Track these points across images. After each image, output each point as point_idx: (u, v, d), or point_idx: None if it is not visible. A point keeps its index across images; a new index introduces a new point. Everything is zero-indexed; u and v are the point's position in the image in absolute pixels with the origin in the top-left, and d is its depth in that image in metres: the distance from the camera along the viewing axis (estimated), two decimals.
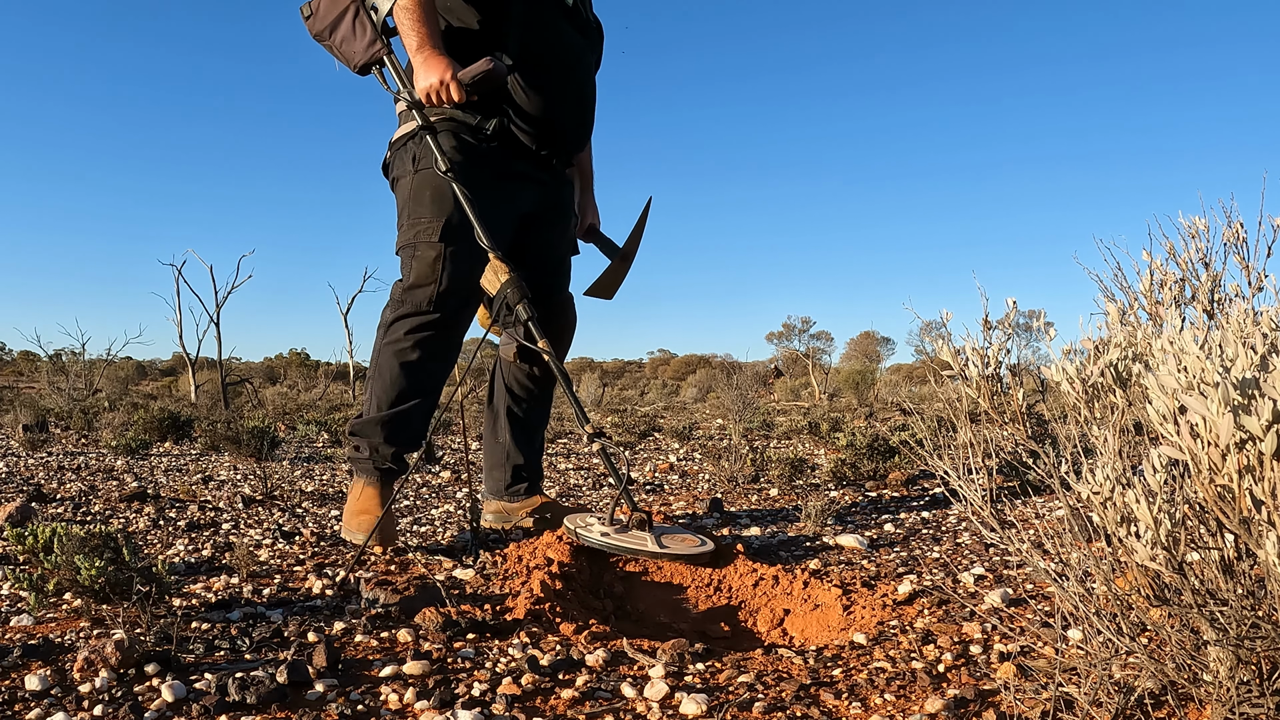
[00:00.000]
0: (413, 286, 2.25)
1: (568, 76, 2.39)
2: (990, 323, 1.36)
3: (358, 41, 2.26)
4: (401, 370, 2.26)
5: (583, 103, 2.48)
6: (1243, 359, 0.95)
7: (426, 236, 2.23)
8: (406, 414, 2.29)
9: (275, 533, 2.52)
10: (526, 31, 2.30)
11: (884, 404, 15.04)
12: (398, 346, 2.26)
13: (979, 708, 1.28)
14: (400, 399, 2.27)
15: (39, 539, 1.76)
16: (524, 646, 1.55)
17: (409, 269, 2.26)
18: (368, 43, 2.25)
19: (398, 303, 2.28)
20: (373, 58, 2.26)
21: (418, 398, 2.30)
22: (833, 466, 3.61)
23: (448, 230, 2.22)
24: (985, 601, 1.81)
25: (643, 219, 2.62)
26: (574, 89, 2.42)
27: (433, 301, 2.23)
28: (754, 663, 1.48)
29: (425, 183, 2.26)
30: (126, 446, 4.83)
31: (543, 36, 2.33)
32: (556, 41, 2.37)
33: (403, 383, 2.27)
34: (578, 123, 2.47)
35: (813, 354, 31.36)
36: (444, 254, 2.22)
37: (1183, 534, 1.03)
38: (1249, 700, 1.04)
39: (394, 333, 2.26)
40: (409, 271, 2.26)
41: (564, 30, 2.39)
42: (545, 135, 2.35)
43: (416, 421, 2.32)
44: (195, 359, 13.29)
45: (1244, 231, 1.44)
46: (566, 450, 5.61)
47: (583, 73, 2.46)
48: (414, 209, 2.28)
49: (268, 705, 1.28)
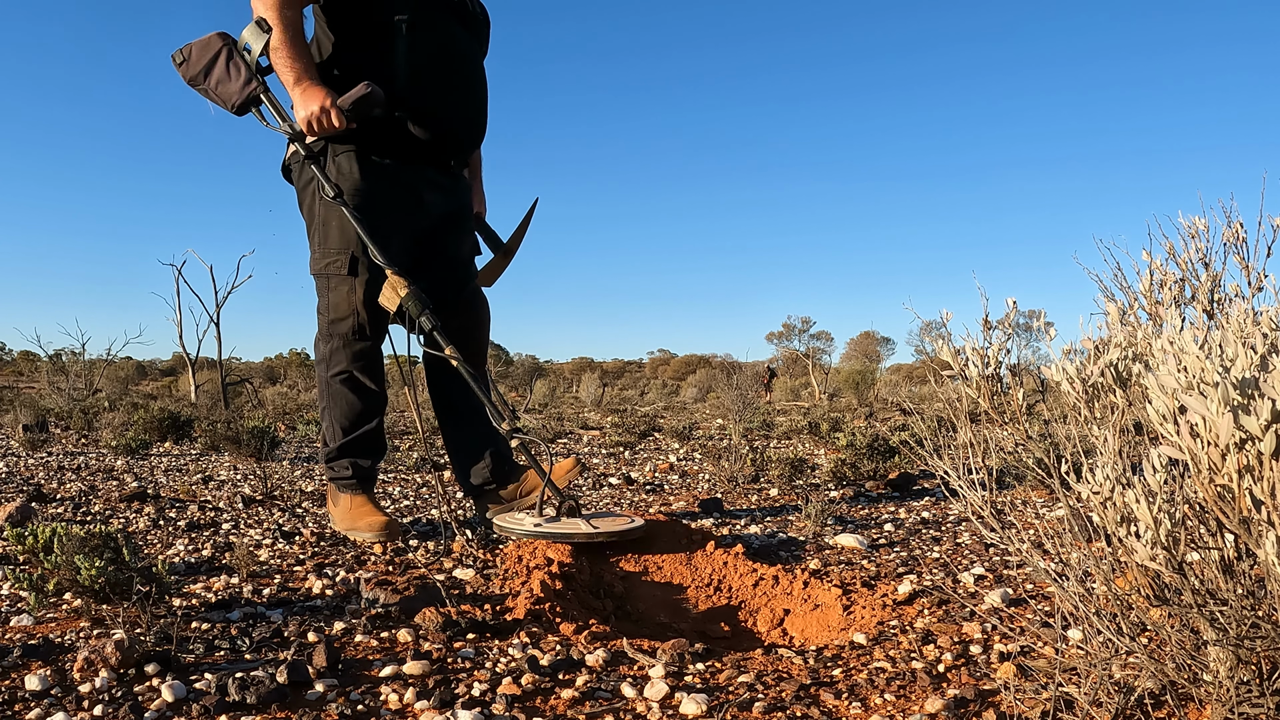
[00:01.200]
0: (335, 320, 2.41)
1: (458, 78, 2.46)
2: (990, 323, 1.36)
3: (233, 83, 2.31)
4: (354, 395, 2.46)
5: (475, 101, 2.55)
6: (1242, 359, 0.95)
7: (336, 270, 2.38)
8: (369, 432, 2.49)
9: (275, 533, 2.52)
10: (415, 37, 2.36)
11: (884, 404, 15.04)
12: (342, 377, 2.44)
13: (979, 708, 1.28)
14: (359, 420, 2.48)
15: (39, 539, 1.76)
16: (524, 646, 1.55)
17: (326, 301, 2.43)
18: (243, 82, 2.30)
19: (327, 336, 2.44)
20: (248, 96, 2.31)
21: (373, 415, 2.50)
22: (833, 466, 3.61)
23: (354, 263, 2.36)
24: (985, 601, 1.81)
25: (527, 218, 2.80)
26: (466, 89, 2.49)
27: (355, 331, 2.40)
28: (754, 663, 1.48)
29: (331, 211, 2.38)
30: (126, 446, 4.83)
31: (432, 40, 2.39)
32: (448, 44, 2.43)
33: (358, 406, 2.47)
34: (472, 122, 2.56)
35: (813, 354, 31.35)
36: (354, 287, 2.37)
37: (1183, 534, 1.03)
38: (1249, 700, 1.04)
39: (335, 365, 2.44)
40: (326, 305, 2.43)
41: (454, 32, 2.46)
42: (441, 139, 2.44)
43: (378, 434, 2.53)
44: (195, 359, 13.28)
45: (1244, 231, 1.44)
46: (566, 450, 5.61)
47: (472, 71, 2.53)
48: (322, 236, 2.41)
49: (268, 705, 1.28)
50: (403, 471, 4.19)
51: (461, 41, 2.48)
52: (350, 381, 2.44)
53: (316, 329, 2.48)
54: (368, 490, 2.51)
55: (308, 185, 2.43)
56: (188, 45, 2.34)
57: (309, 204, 2.44)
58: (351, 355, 2.41)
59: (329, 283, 2.40)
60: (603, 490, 3.65)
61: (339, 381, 2.44)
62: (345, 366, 2.42)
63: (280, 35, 2.25)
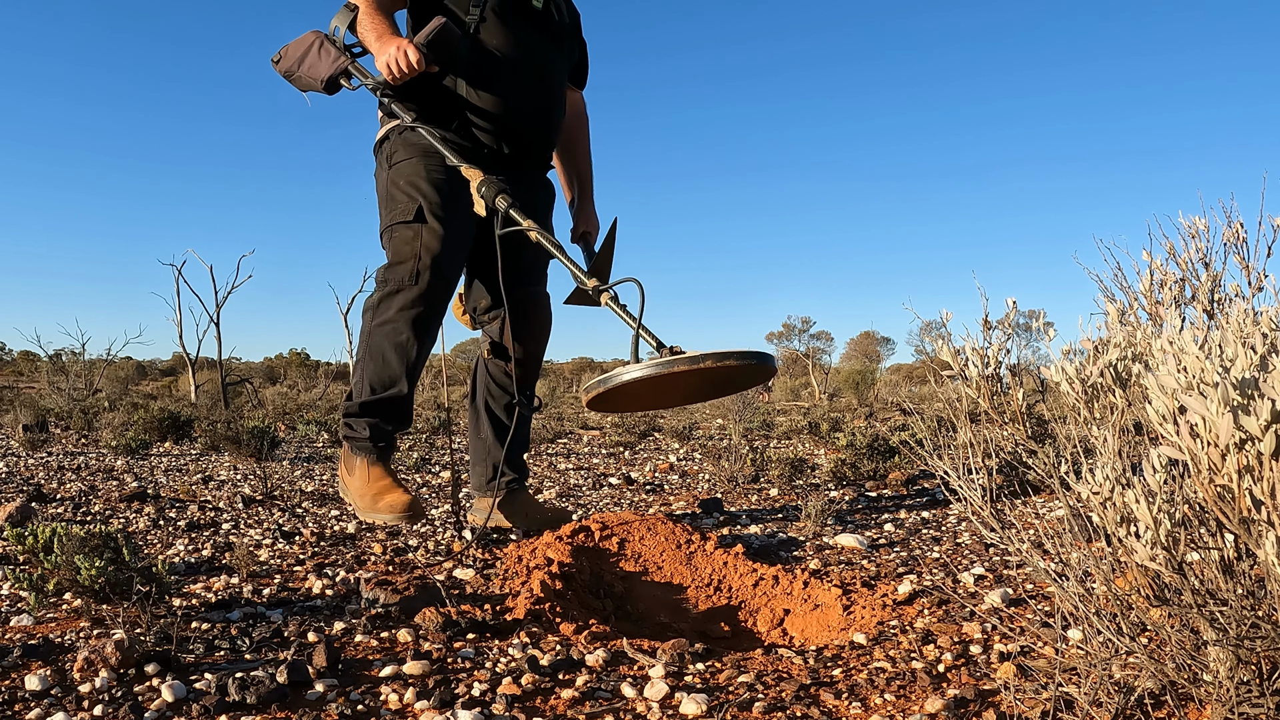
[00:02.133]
0: (394, 264, 2.34)
1: (524, 75, 2.44)
2: (990, 323, 1.36)
3: (322, 63, 2.36)
4: (394, 351, 2.33)
5: (543, 102, 2.50)
6: (1242, 359, 0.95)
7: (401, 218, 2.34)
8: (398, 397, 2.37)
9: (275, 533, 2.52)
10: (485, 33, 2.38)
11: (884, 404, 15.04)
12: (389, 326, 2.32)
13: (979, 708, 1.28)
14: (392, 381, 2.34)
15: (39, 539, 1.76)
16: (524, 646, 1.55)
17: (389, 250, 2.38)
18: (331, 60, 2.36)
19: (382, 282, 2.37)
20: (338, 69, 2.35)
21: (408, 378, 2.36)
22: (833, 466, 3.61)
23: (420, 212, 2.33)
24: (985, 601, 1.81)
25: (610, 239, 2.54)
26: (531, 88, 2.46)
27: (414, 275, 2.31)
28: (754, 663, 1.48)
29: (399, 174, 2.38)
30: (126, 446, 4.83)
31: (498, 35, 2.40)
32: (513, 40, 2.42)
33: (395, 363, 2.33)
34: (538, 122, 2.50)
35: (813, 354, 31.34)
36: (419, 232, 2.32)
37: (1183, 534, 1.03)
38: (1249, 700, 1.04)
39: (383, 313, 2.33)
40: (390, 252, 2.38)
41: (522, 30, 2.44)
42: (504, 135, 2.42)
43: (407, 403, 2.40)
44: (195, 359, 13.28)
45: (1244, 231, 1.44)
46: (566, 450, 5.61)
47: (542, 72, 2.48)
48: (390, 197, 2.40)
49: (268, 705, 1.28)
50: (402, 471, 4.19)
51: (532, 42, 2.45)
52: (393, 333, 2.31)
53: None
54: (385, 461, 2.38)
55: (381, 162, 2.45)
56: (285, 46, 2.42)
57: (381, 173, 2.45)
58: (402, 302, 2.30)
59: (393, 233, 2.36)
60: (603, 490, 3.65)
61: (382, 333, 2.32)
62: (392, 316, 2.30)
63: (365, 7, 2.31)
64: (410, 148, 2.38)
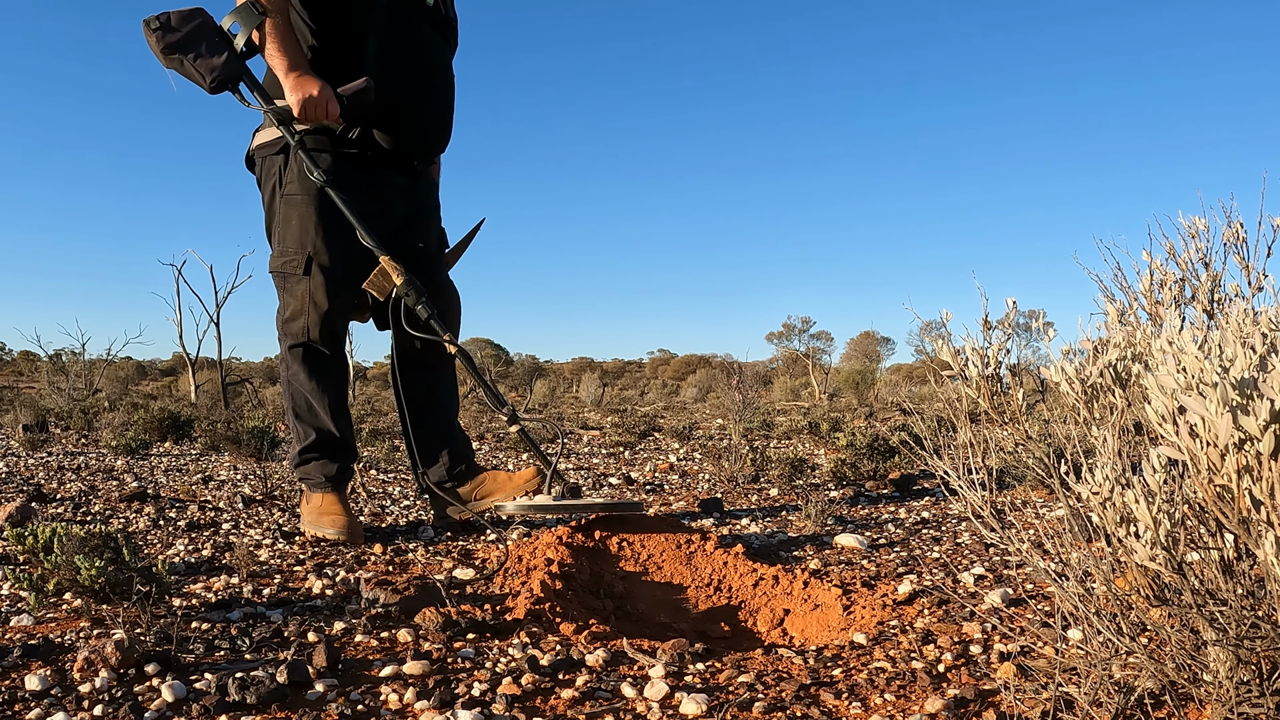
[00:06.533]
0: (289, 320, 2.43)
1: (428, 78, 2.48)
2: (990, 323, 1.36)
3: (216, 59, 2.28)
4: (312, 398, 2.46)
5: (443, 102, 2.56)
6: (1242, 359, 0.95)
7: (293, 269, 2.40)
8: (332, 438, 2.47)
9: (275, 533, 2.52)
10: (387, 37, 2.39)
11: (884, 404, 15.04)
12: (300, 379, 2.45)
13: (979, 708, 1.28)
14: (321, 425, 2.47)
15: (39, 539, 1.76)
16: (524, 646, 1.55)
17: (282, 300, 2.45)
18: (226, 60, 2.28)
19: (283, 335, 2.46)
20: (232, 74, 2.29)
21: (333, 419, 2.48)
22: (833, 466, 3.61)
23: (309, 264, 2.38)
24: (985, 601, 1.81)
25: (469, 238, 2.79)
26: (434, 90, 2.51)
27: (307, 331, 2.40)
28: (754, 663, 1.48)
29: (292, 209, 2.39)
30: (126, 446, 4.83)
31: (403, 40, 2.42)
32: (417, 45, 2.45)
33: (318, 409, 2.46)
34: (439, 122, 2.56)
35: (813, 354, 31.33)
36: (309, 288, 2.38)
37: (1182, 534, 1.03)
38: (1249, 700, 1.05)
39: (292, 367, 2.45)
40: (283, 303, 2.45)
41: (424, 33, 2.47)
42: (408, 138, 2.45)
43: (344, 434, 2.51)
44: (195, 359, 13.27)
45: (1244, 231, 1.44)
46: (566, 450, 5.61)
47: (441, 73, 2.55)
48: (281, 235, 2.42)
49: (268, 705, 1.28)
50: (403, 471, 4.19)
51: (432, 43, 2.51)
52: (305, 384, 2.44)
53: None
54: (339, 490, 2.48)
55: (270, 178, 2.43)
56: (165, 13, 2.28)
57: (270, 199, 2.44)
58: (303, 355, 2.43)
59: (284, 282, 2.42)
60: (603, 490, 3.65)
61: (297, 386, 2.45)
62: (298, 369, 2.44)
63: (276, 21, 2.27)
64: (305, 182, 2.36)
